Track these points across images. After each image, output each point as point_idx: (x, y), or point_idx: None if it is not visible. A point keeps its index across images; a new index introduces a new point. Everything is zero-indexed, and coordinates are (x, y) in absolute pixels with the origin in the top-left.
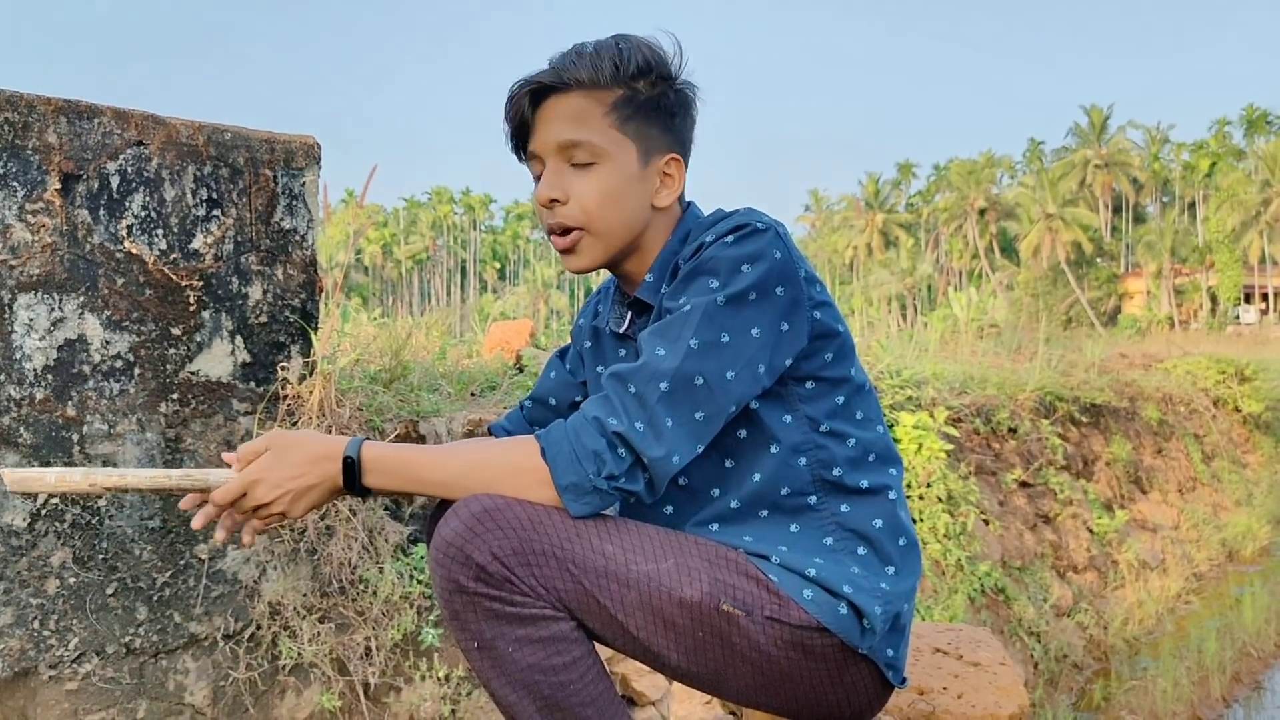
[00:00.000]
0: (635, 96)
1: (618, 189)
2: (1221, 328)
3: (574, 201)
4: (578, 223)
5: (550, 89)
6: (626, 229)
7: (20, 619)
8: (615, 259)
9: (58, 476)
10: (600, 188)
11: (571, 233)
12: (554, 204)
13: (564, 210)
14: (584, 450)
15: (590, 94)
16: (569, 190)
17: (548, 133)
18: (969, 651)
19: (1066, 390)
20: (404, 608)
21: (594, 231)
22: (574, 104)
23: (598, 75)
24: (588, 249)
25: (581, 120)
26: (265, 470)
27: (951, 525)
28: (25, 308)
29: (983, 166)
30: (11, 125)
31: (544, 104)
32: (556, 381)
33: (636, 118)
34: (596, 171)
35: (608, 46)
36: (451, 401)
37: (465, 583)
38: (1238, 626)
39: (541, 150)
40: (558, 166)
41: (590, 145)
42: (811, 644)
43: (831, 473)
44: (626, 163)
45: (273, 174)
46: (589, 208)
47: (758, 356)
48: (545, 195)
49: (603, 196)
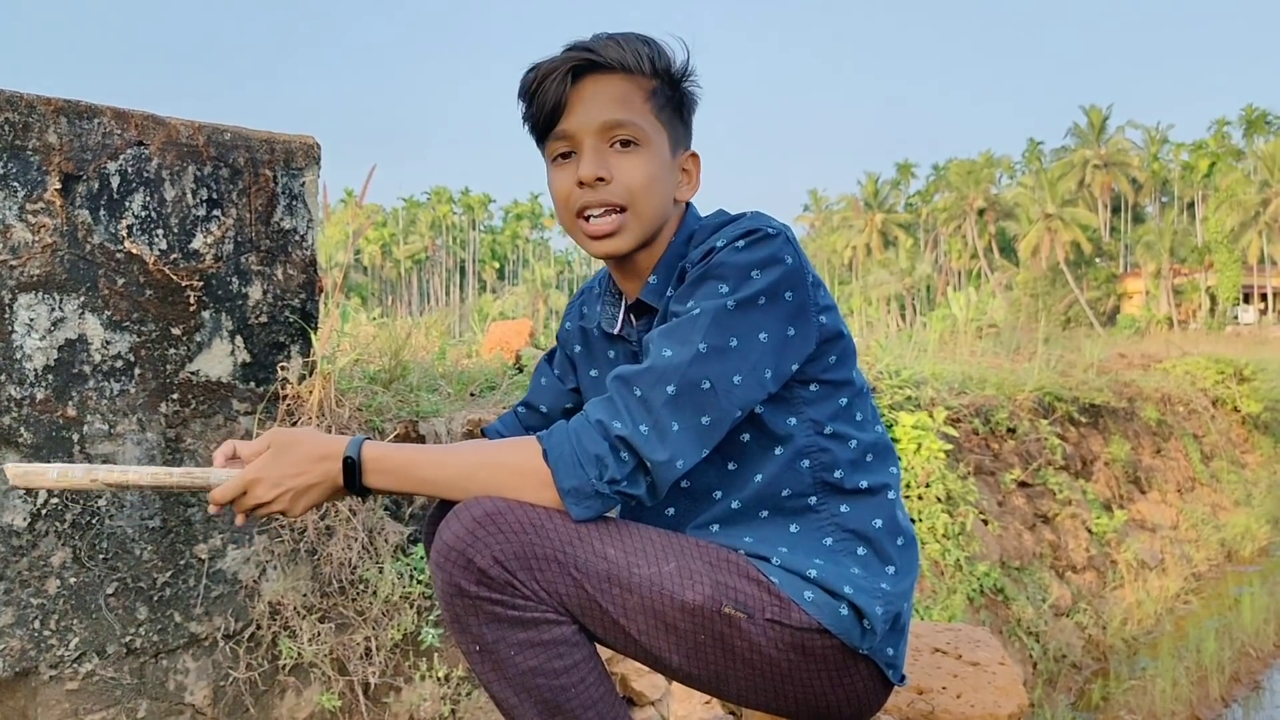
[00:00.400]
0: (664, 89)
1: (658, 174)
2: (1220, 328)
3: (619, 181)
4: (621, 201)
5: (594, 66)
6: (659, 217)
7: (21, 619)
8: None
9: (60, 472)
10: (646, 169)
11: (612, 215)
12: (599, 183)
13: (608, 189)
14: (586, 454)
15: (631, 78)
16: (613, 170)
17: (590, 111)
18: (968, 651)
19: (1065, 390)
20: (404, 608)
21: (635, 214)
22: (618, 85)
23: (640, 61)
24: (625, 233)
25: (626, 102)
26: (265, 469)
27: (950, 525)
28: (26, 308)
29: (982, 166)
30: (12, 125)
31: (582, 82)
32: (547, 388)
33: (667, 109)
34: (640, 154)
35: (637, 39)
36: (451, 402)
37: (467, 586)
38: (1236, 627)
39: (579, 129)
40: (599, 145)
41: (636, 126)
42: (812, 645)
43: (833, 475)
44: (662, 150)
45: (272, 174)
46: (634, 188)
47: (764, 361)
48: (591, 173)
49: (648, 178)
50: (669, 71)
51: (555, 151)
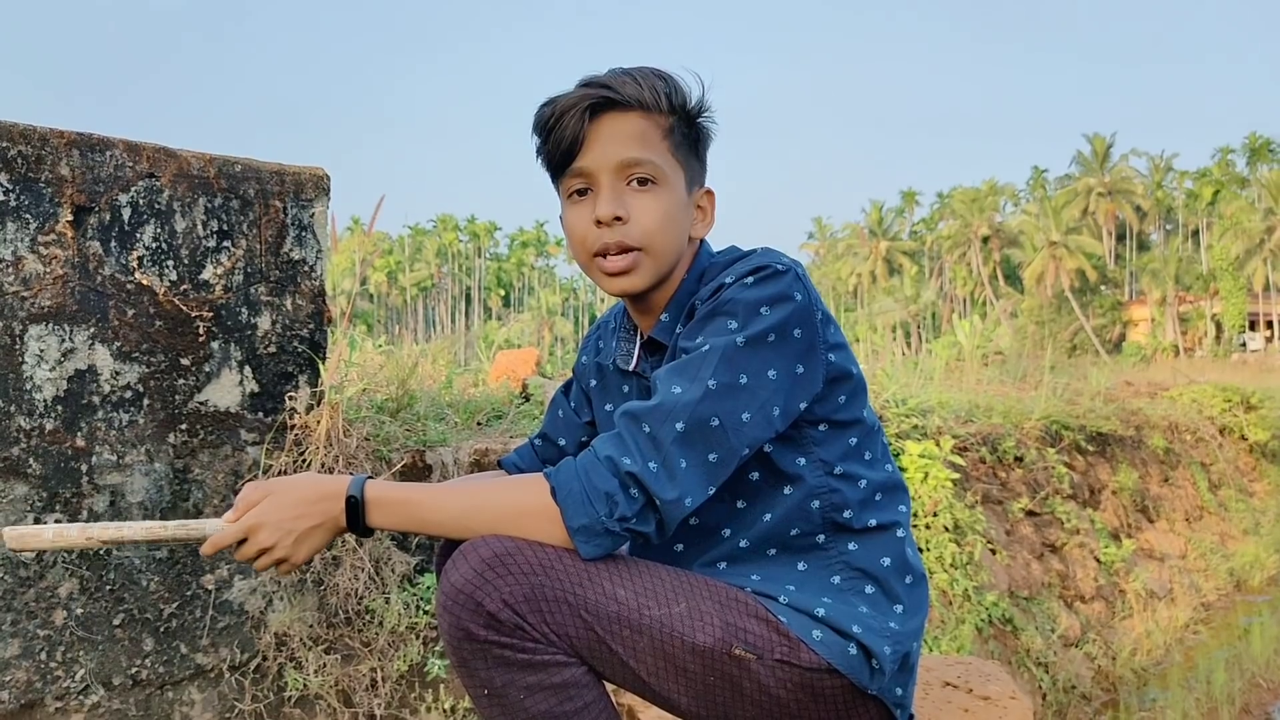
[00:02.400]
0: (680, 126)
1: (675, 213)
2: (1227, 355)
3: (636, 220)
4: (638, 243)
5: (612, 104)
6: (674, 255)
7: (27, 650)
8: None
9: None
10: (662, 209)
11: (629, 254)
12: (616, 222)
13: (625, 229)
14: (595, 491)
15: (649, 116)
16: (630, 209)
17: (608, 149)
18: (979, 685)
19: (1072, 419)
20: (410, 638)
21: (651, 254)
22: (636, 123)
23: (657, 98)
24: (641, 272)
25: (644, 140)
26: (266, 514)
27: (958, 555)
28: (36, 339)
29: (986, 194)
30: (25, 158)
31: (600, 119)
32: (564, 421)
33: (683, 146)
34: (657, 193)
35: (654, 74)
36: (458, 431)
37: (476, 631)
38: (1246, 657)
39: (596, 167)
40: (616, 184)
41: (653, 165)
42: (821, 686)
43: (843, 515)
44: (679, 188)
45: (282, 205)
46: (651, 229)
47: (773, 399)
48: (609, 212)
49: (665, 218)
50: (685, 108)
51: (571, 188)
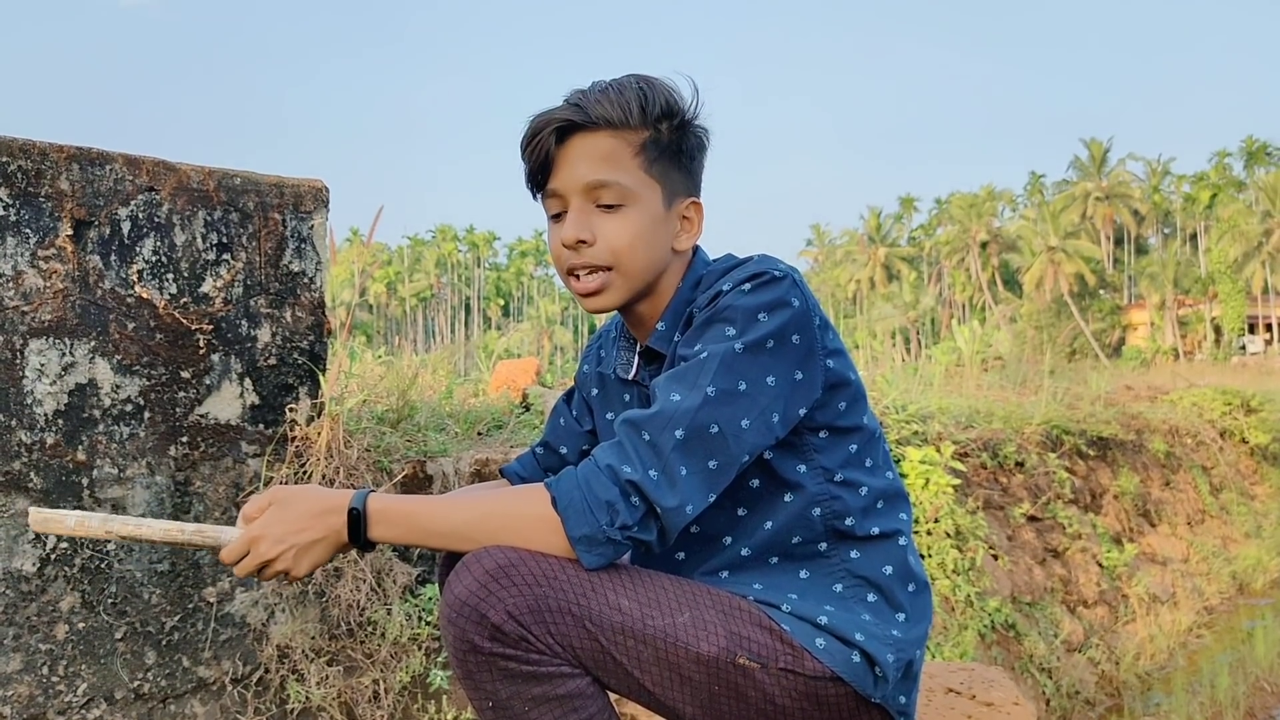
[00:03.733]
0: (659, 139)
1: (646, 232)
2: (1226, 358)
3: (602, 243)
4: (605, 263)
5: (577, 126)
6: (651, 271)
7: (29, 665)
8: (633, 300)
9: (77, 520)
10: (630, 230)
11: (598, 273)
12: (581, 245)
13: (591, 251)
14: (597, 500)
15: (619, 134)
16: (596, 231)
17: (575, 172)
18: (982, 691)
19: (1073, 423)
20: (412, 650)
21: (621, 273)
22: (603, 144)
23: (627, 115)
24: (612, 291)
25: (611, 161)
26: (268, 526)
27: (960, 561)
28: (37, 353)
29: (984, 200)
30: (24, 173)
31: (569, 141)
32: (565, 429)
33: (661, 160)
34: (625, 213)
35: (632, 87)
36: (459, 441)
37: (480, 643)
38: (1250, 660)
39: (565, 189)
40: (583, 206)
41: (620, 187)
42: (825, 694)
43: (844, 522)
44: (653, 205)
45: (282, 218)
46: (618, 250)
47: (773, 406)
48: (573, 236)
49: (632, 238)
50: (665, 119)
51: (549, 210)
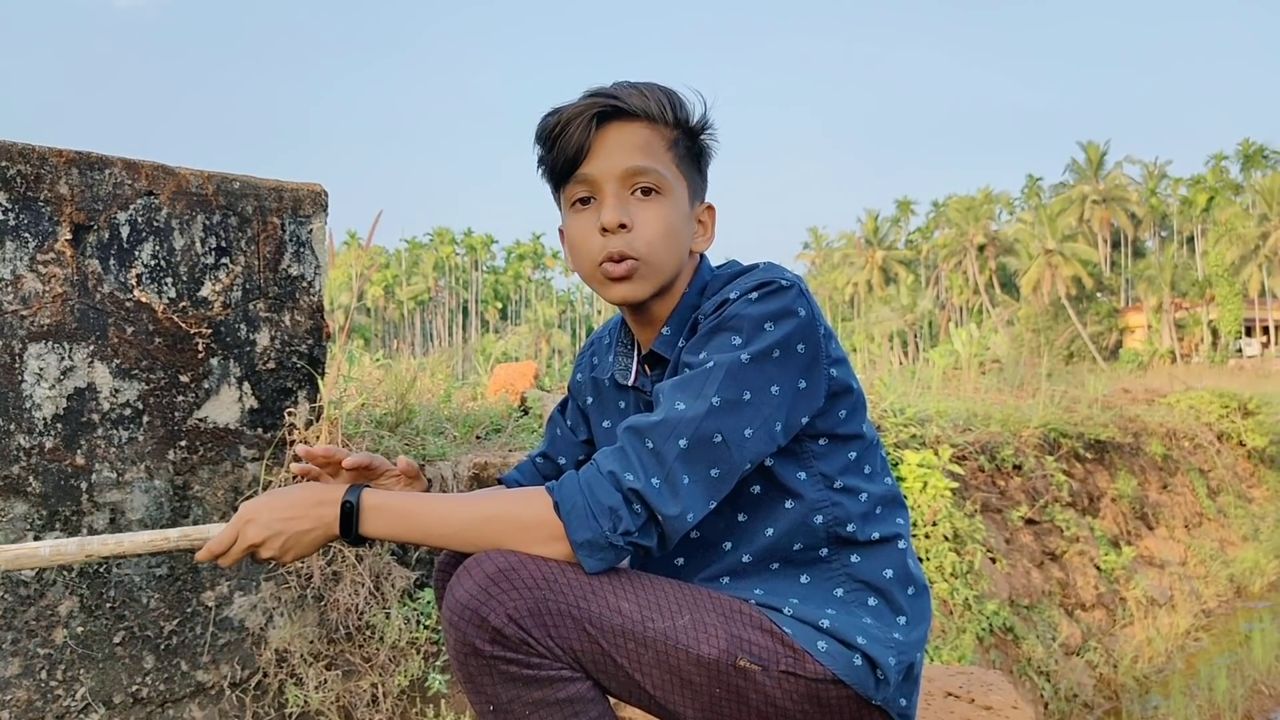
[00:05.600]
0: (684, 140)
1: (677, 224)
2: (1223, 361)
3: (639, 230)
4: (640, 252)
5: (619, 112)
6: (675, 267)
7: (28, 669)
8: (654, 296)
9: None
10: (666, 219)
11: (628, 261)
12: (621, 229)
13: (629, 237)
14: (599, 506)
15: (654, 127)
16: (635, 217)
17: (614, 158)
18: (980, 695)
19: (1070, 426)
20: (410, 653)
21: (651, 263)
22: (641, 133)
23: (662, 111)
24: (642, 280)
25: (649, 150)
26: (258, 510)
27: (958, 564)
28: (35, 357)
29: (981, 203)
30: (24, 177)
31: (606, 128)
32: (562, 440)
33: (686, 160)
34: (660, 203)
35: (660, 89)
36: (457, 445)
37: (481, 646)
38: (1248, 664)
39: (602, 175)
40: (620, 192)
41: (658, 174)
42: (827, 696)
43: (845, 529)
44: (682, 201)
45: (280, 222)
46: (652, 238)
47: (776, 415)
48: (615, 219)
49: (667, 228)
50: (688, 123)
51: (574, 196)
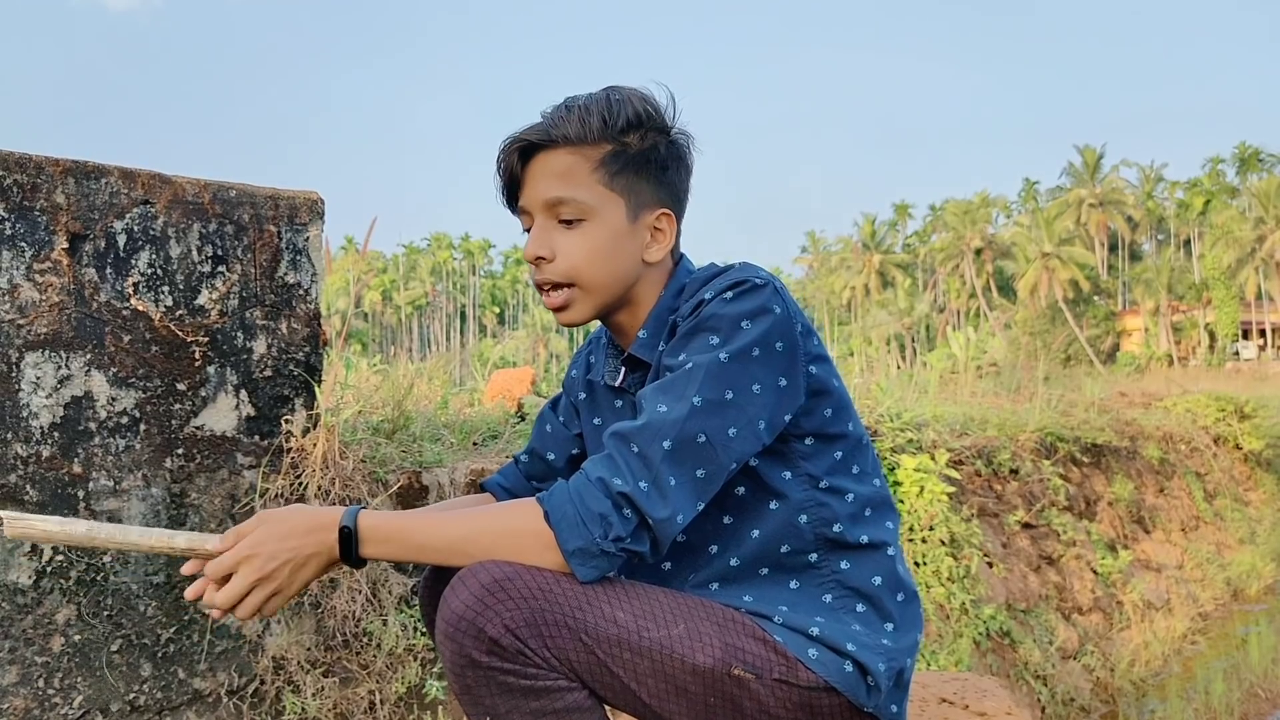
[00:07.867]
0: (624, 151)
1: (605, 246)
2: (1220, 364)
3: (561, 259)
4: (565, 279)
5: (538, 146)
6: (617, 284)
7: (25, 677)
8: (607, 312)
9: (59, 527)
10: (587, 245)
11: (561, 290)
12: (540, 261)
13: (550, 267)
14: (589, 513)
15: (577, 150)
16: (556, 247)
17: (535, 190)
18: (975, 701)
19: (1067, 430)
20: (408, 660)
21: (583, 287)
22: (561, 161)
23: (585, 131)
24: (577, 305)
25: (568, 178)
26: (259, 544)
27: (955, 568)
28: (32, 366)
29: (978, 206)
30: (20, 187)
31: (532, 160)
32: (553, 435)
33: (625, 173)
34: (583, 229)
35: (598, 101)
36: (454, 451)
37: (478, 657)
38: (1245, 667)
39: (530, 206)
40: (545, 223)
41: (576, 203)
42: (819, 704)
43: (832, 529)
44: (614, 219)
45: (277, 230)
46: (577, 265)
47: (759, 413)
48: (532, 253)
49: (590, 253)
50: (630, 130)
51: (522, 225)
